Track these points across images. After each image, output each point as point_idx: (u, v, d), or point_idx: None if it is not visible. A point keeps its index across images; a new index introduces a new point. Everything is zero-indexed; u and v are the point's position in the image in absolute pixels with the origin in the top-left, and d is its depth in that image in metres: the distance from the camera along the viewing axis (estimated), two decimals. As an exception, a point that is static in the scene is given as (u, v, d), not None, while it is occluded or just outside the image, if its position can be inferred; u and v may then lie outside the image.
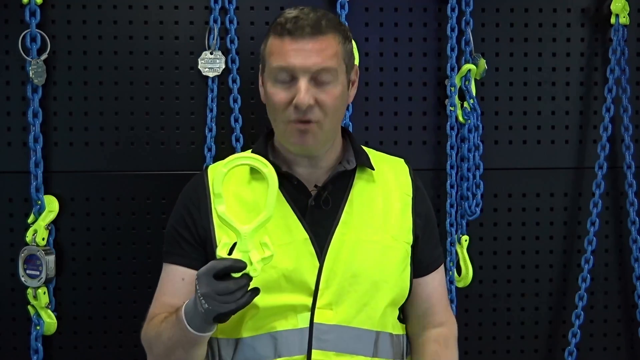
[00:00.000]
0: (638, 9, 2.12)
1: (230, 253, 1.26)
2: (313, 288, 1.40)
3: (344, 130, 1.56)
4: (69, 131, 1.97)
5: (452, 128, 2.03)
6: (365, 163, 1.51)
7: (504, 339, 2.12)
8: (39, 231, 1.91)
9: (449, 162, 2.04)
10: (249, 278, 1.25)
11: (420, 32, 2.07)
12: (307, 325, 1.40)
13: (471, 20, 2.03)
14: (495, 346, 2.12)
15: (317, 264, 1.41)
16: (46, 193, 1.93)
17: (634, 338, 2.14)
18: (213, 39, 1.96)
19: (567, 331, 2.08)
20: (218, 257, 1.25)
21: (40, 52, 1.90)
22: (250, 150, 1.54)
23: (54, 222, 1.94)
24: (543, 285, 2.13)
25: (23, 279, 1.90)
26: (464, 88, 2.03)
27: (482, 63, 2.02)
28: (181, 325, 1.31)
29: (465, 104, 2.04)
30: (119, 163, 1.98)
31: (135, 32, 1.98)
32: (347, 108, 1.98)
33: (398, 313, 1.54)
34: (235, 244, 1.27)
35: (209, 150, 1.97)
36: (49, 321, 1.92)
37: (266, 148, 1.51)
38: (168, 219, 1.54)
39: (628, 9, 2.04)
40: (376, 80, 2.05)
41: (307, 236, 1.42)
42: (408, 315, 1.58)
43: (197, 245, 1.46)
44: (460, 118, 2.04)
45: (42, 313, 1.91)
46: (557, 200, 2.12)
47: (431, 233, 1.58)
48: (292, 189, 1.46)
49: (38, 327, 1.91)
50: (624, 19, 2.05)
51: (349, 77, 1.47)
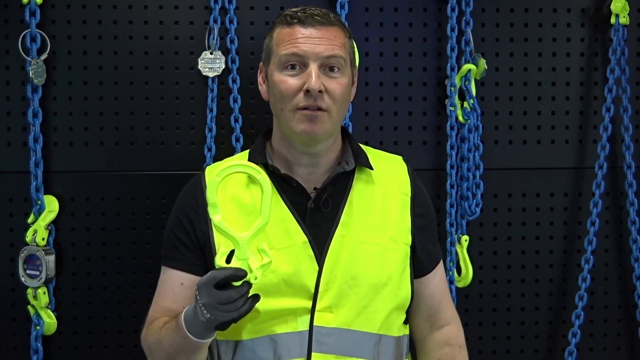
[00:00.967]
0: (638, 9, 2.12)
1: (228, 261, 1.26)
2: (313, 291, 1.40)
3: (343, 130, 1.56)
4: (69, 131, 1.97)
5: (452, 128, 2.03)
6: (364, 163, 1.50)
7: (504, 339, 2.12)
8: (39, 231, 1.91)
9: (449, 162, 2.04)
10: (249, 285, 1.26)
11: (420, 32, 2.07)
12: (307, 328, 1.40)
13: (471, 20, 2.03)
14: (495, 346, 2.12)
15: (317, 267, 1.41)
16: (46, 193, 1.93)
17: (634, 338, 2.14)
18: (213, 39, 1.96)
19: (567, 331, 2.08)
20: (217, 267, 1.25)
21: (40, 52, 1.91)
22: (247, 151, 1.54)
23: (54, 222, 1.94)
24: (543, 285, 2.13)
25: (23, 279, 1.90)
26: (464, 88, 2.03)
27: (482, 63, 2.02)
28: (181, 332, 1.32)
29: (465, 104, 2.04)
30: (119, 163, 1.98)
31: (135, 32, 1.98)
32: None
33: (405, 317, 1.53)
34: (232, 252, 1.27)
35: (209, 150, 1.97)
36: (49, 321, 1.92)
37: (264, 150, 1.50)
38: (167, 220, 1.53)
39: (628, 9, 2.05)
40: (376, 80, 2.05)
41: (307, 239, 1.42)
42: (413, 315, 1.57)
43: (196, 249, 1.46)
44: (460, 118, 2.04)
45: (42, 313, 1.91)
46: (557, 200, 2.12)
47: (431, 232, 1.58)
48: (291, 192, 1.45)
49: (38, 327, 1.91)
50: (624, 19, 2.05)
51: (353, 73, 1.49)
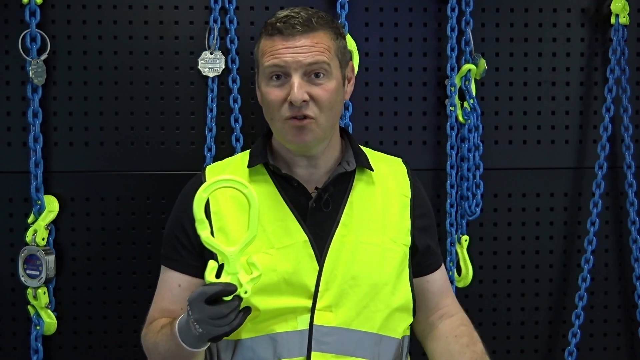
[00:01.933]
0: (638, 9, 2.12)
1: (218, 276, 1.26)
2: (313, 290, 1.40)
3: (343, 130, 1.56)
4: (69, 131, 1.97)
5: (452, 128, 2.03)
6: (364, 164, 1.50)
7: (504, 339, 2.12)
8: (39, 231, 1.91)
9: (449, 162, 2.04)
10: (240, 299, 1.26)
11: (420, 32, 2.07)
12: (307, 327, 1.40)
13: (471, 20, 2.03)
14: (495, 346, 2.12)
15: (317, 267, 1.41)
16: (46, 193, 1.93)
17: (634, 338, 2.14)
18: (213, 39, 1.96)
19: (567, 331, 2.08)
20: (207, 282, 1.26)
21: (40, 52, 1.90)
22: (248, 151, 1.54)
23: (54, 222, 1.94)
24: (543, 285, 2.13)
25: (23, 279, 1.90)
26: (464, 88, 2.03)
27: (482, 63, 2.02)
28: (176, 340, 1.32)
29: (465, 104, 2.04)
30: (119, 163, 1.98)
31: (135, 32, 1.98)
32: (347, 108, 1.98)
33: (411, 319, 1.52)
34: (222, 266, 1.27)
35: (209, 150, 1.97)
36: (49, 321, 1.92)
37: (265, 149, 1.50)
38: (167, 220, 1.53)
39: (628, 9, 2.05)
40: (376, 80, 2.05)
41: (307, 238, 1.42)
42: (420, 310, 1.57)
43: (194, 251, 1.45)
44: (460, 118, 2.04)
45: (42, 313, 1.91)
46: (557, 200, 2.12)
47: (432, 232, 1.58)
48: (292, 191, 1.45)
49: (38, 327, 1.91)
50: (624, 19, 2.05)
51: (344, 73, 1.47)
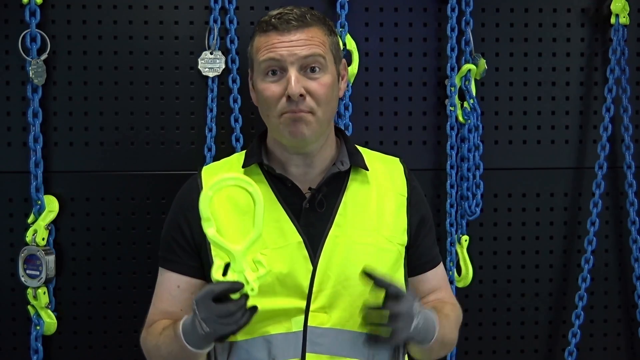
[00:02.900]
0: (638, 9, 2.12)
1: (224, 274, 1.26)
2: (307, 291, 1.40)
3: (338, 130, 1.56)
4: (69, 131, 1.97)
5: (452, 128, 2.03)
6: (359, 164, 1.50)
7: (504, 339, 2.12)
8: (39, 231, 1.91)
9: (449, 162, 2.04)
10: (247, 297, 1.26)
11: (420, 32, 2.07)
12: (301, 328, 1.39)
13: (471, 20, 2.03)
14: (495, 346, 2.12)
15: (311, 268, 1.40)
16: (46, 193, 1.93)
17: (634, 338, 2.14)
18: (213, 39, 1.96)
19: (567, 331, 2.08)
20: (214, 280, 1.26)
21: (40, 52, 1.91)
22: (244, 152, 1.54)
23: (54, 222, 1.94)
24: (543, 285, 2.13)
25: (23, 279, 1.90)
26: (464, 88, 2.03)
27: (482, 63, 2.03)
28: (179, 342, 1.32)
29: (465, 104, 2.04)
30: (119, 163, 1.98)
31: (135, 32, 1.98)
32: (347, 108, 1.98)
33: None
34: (228, 264, 1.27)
35: (209, 150, 1.97)
36: (49, 321, 1.92)
37: (260, 150, 1.50)
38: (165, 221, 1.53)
39: (628, 9, 2.05)
40: (376, 80, 2.05)
41: (301, 239, 1.41)
42: None
43: (193, 252, 1.46)
44: (460, 118, 2.04)
45: (42, 313, 1.91)
46: (557, 200, 2.12)
47: (428, 231, 1.57)
48: (286, 192, 1.45)
49: (38, 327, 1.91)
50: (624, 19, 2.05)
51: (338, 69, 1.48)
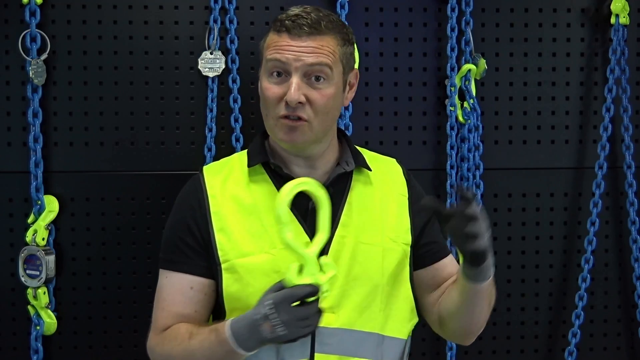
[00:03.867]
0: (638, 9, 2.12)
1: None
2: None
3: (340, 131, 1.56)
4: (69, 131, 1.97)
5: (452, 128, 2.03)
6: (363, 164, 1.51)
7: (504, 339, 2.12)
8: (39, 231, 1.91)
9: (449, 162, 2.04)
10: (318, 300, 1.28)
11: (420, 32, 2.07)
12: None
13: (471, 20, 2.03)
14: (495, 346, 2.12)
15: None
16: (46, 193, 1.93)
17: (634, 338, 2.14)
18: (213, 39, 1.96)
19: (567, 331, 2.08)
20: (291, 284, 1.26)
21: (40, 52, 1.91)
22: (246, 150, 1.54)
23: (54, 222, 1.94)
24: (543, 285, 2.13)
25: (23, 279, 1.90)
26: (464, 88, 2.03)
27: (482, 63, 2.03)
28: (226, 347, 1.30)
29: (465, 104, 2.04)
30: (119, 163, 1.99)
31: (135, 32, 1.98)
32: (347, 108, 1.98)
33: (416, 320, 1.52)
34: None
35: (209, 150, 1.97)
36: (49, 321, 1.92)
37: (264, 149, 1.50)
38: (166, 224, 1.51)
39: (628, 9, 2.05)
40: (376, 80, 2.05)
41: (309, 240, 1.40)
42: (432, 299, 1.54)
43: (202, 251, 1.43)
44: (460, 118, 2.04)
45: (42, 313, 1.91)
46: (557, 200, 2.12)
47: (433, 226, 1.56)
48: None
49: (38, 327, 1.91)
50: (624, 19, 2.05)
51: (346, 79, 1.46)
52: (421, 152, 2.07)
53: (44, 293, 1.92)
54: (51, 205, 1.93)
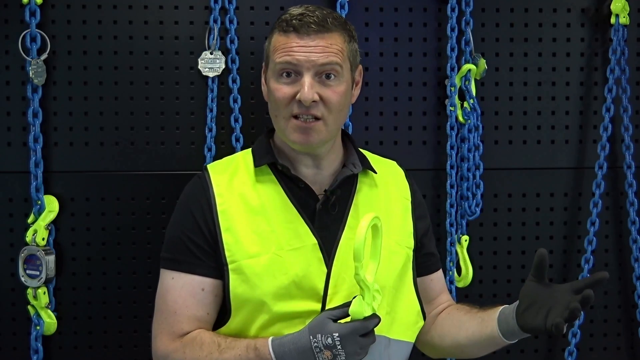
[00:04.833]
0: (638, 9, 2.12)
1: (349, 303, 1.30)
2: (322, 294, 1.39)
3: (344, 133, 1.56)
4: (69, 131, 1.97)
5: (452, 128, 2.03)
6: (369, 167, 1.51)
7: (504, 339, 2.12)
8: (39, 231, 1.91)
9: (449, 162, 2.04)
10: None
11: (420, 32, 2.07)
12: None
13: (471, 20, 2.03)
14: (495, 346, 2.12)
15: (325, 270, 1.40)
16: (46, 193, 1.93)
17: (634, 338, 2.14)
18: (213, 39, 1.96)
19: (567, 331, 2.07)
20: (361, 316, 1.28)
21: (40, 52, 1.90)
22: (249, 150, 1.54)
23: (54, 222, 1.94)
24: (543, 285, 2.12)
25: (23, 279, 1.90)
26: (464, 88, 2.03)
27: (482, 63, 2.03)
28: None
29: (465, 104, 2.04)
30: (119, 163, 1.98)
31: (135, 32, 1.98)
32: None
33: (422, 323, 1.53)
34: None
35: (209, 150, 1.97)
36: (49, 321, 1.92)
37: (270, 149, 1.49)
38: (169, 223, 1.50)
39: (628, 9, 2.05)
40: (376, 80, 2.05)
41: (316, 242, 1.41)
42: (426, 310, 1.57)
43: (211, 251, 1.41)
44: (460, 118, 2.04)
45: (42, 313, 1.91)
46: (557, 200, 2.12)
47: (431, 235, 1.59)
48: (299, 192, 1.45)
49: (38, 327, 1.91)
50: (624, 19, 2.05)
51: (353, 76, 1.47)
52: (421, 152, 2.07)
53: (44, 293, 1.92)
54: (51, 205, 1.93)
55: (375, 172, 1.51)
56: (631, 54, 2.10)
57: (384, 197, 1.51)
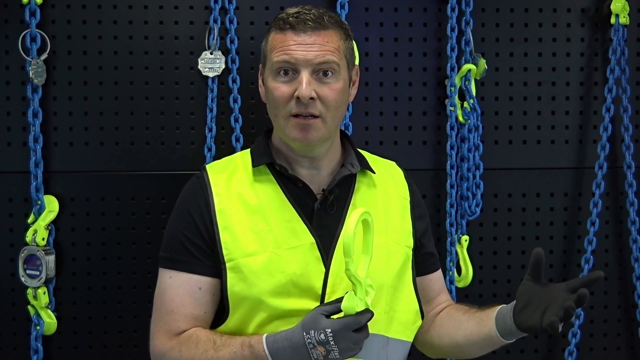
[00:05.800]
0: (638, 9, 2.12)
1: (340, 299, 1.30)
2: (320, 293, 1.39)
3: (342, 133, 1.56)
4: (69, 131, 1.97)
5: (452, 128, 2.03)
6: (367, 167, 1.51)
7: (504, 339, 2.12)
8: (39, 231, 1.91)
9: (449, 162, 2.04)
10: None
11: (420, 32, 2.07)
12: None
13: (471, 20, 2.03)
14: (495, 346, 2.12)
15: (323, 269, 1.40)
16: (46, 193, 1.93)
17: (634, 338, 2.14)
18: (213, 39, 1.96)
19: (567, 331, 2.08)
20: (354, 311, 1.28)
21: (40, 52, 1.90)
22: (248, 150, 1.54)
23: (54, 222, 1.94)
24: (543, 285, 2.13)
25: (23, 279, 1.90)
26: (464, 88, 2.03)
27: (482, 63, 2.03)
28: None
29: (465, 104, 2.04)
30: (119, 163, 1.98)
31: (135, 32, 1.98)
32: (347, 108, 1.98)
33: (420, 322, 1.53)
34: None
35: (209, 150, 1.97)
36: (49, 321, 1.92)
37: (268, 149, 1.50)
38: (168, 222, 1.50)
39: (628, 9, 2.05)
40: (376, 80, 2.05)
41: (314, 240, 1.41)
42: (426, 311, 1.57)
43: (208, 250, 1.42)
44: (460, 118, 2.04)
45: (42, 313, 1.91)
46: (557, 200, 2.12)
47: (430, 234, 1.59)
48: (297, 192, 1.45)
49: (38, 327, 1.91)
50: (624, 19, 2.05)
51: (350, 75, 1.48)
52: (421, 152, 2.07)
53: (44, 293, 1.92)
54: (51, 205, 1.93)
55: (373, 172, 1.51)
56: (631, 54, 2.10)
57: (383, 197, 1.51)
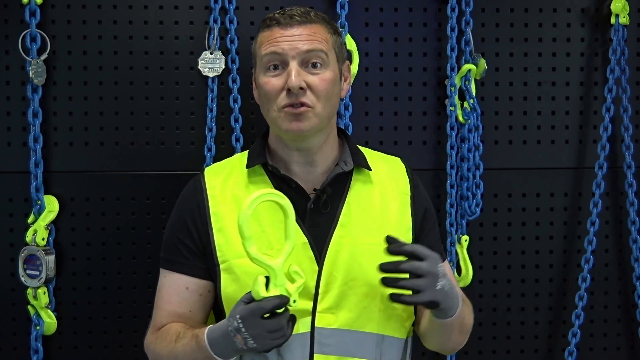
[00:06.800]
0: (638, 9, 2.12)
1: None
2: (313, 292, 1.40)
3: (340, 130, 1.57)
4: (69, 131, 1.97)
5: (452, 128, 2.03)
6: (361, 164, 1.51)
7: (504, 339, 2.12)
8: (39, 231, 1.91)
9: (449, 162, 2.04)
10: (288, 309, 1.29)
11: (420, 32, 2.07)
12: (309, 330, 1.39)
13: (471, 20, 2.03)
14: (495, 346, 2.12)
15: (317, 268, 1.41)
16: (46, 193, 1.93)
17: (634, 338, 2.14)
18: (213, 39, 1.96)
19: (567, 331, 2.08)
20: (259, 297, 1.27)
21: (40, 52, 1.90)
22: (247, 152, 1.54)
23: (54, 222, 1.94)
24: (543, 285, 2.13)
25: (23, 279, 1.90)
26: (464, 88, 2.03)
27: (482, 63, 2.03)
28: (206, 353, 1.33)
29: (465, 104, 2.04)
30: (119, 163, 1.98)
31: (135, 32, 1.98)
32: (347, 108, 1.98)
33: (413, 319, 1.53)
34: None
35: (209, 150, 1.97)
36: (49, 321, 1.92)
37: (263, 150, 1.51)
38: (167, 222, 1.53)
39: (628, 9, 2.05)
40: (376, 80, 2.05)
41: (306, 240, 1.42)
42: (420, 309, 1.57)
43: (200, 253, 1.46)
44: (460, 118, 2.04)
45: (42, 313, 1.91)
46: (557, 200, 2.12)
47: (432, 227, 1.58)
48: (291, 192, 1.44)
49: (38, 327, 1.91)
50: (624, 19, 2.05)
51: (341, 68, 1.49)
52: (421, 152, 2.07)
53: (44, 293, 1.92)
54: (51, 205, 1.93)
55: (369, 169, 1.51)
56: (631, 54, 2.10)
57: (379, 194, 1.51)
